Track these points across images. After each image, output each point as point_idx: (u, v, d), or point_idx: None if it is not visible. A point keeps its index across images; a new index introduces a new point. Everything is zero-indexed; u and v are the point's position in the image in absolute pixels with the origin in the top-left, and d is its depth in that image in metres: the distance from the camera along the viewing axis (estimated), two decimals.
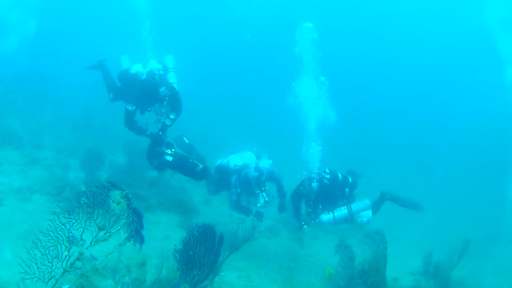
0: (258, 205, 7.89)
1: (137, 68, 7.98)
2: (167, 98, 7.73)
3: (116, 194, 3.00)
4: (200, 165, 7.59)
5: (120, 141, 13.15)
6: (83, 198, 3.10)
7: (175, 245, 3.89)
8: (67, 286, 2.92)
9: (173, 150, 7.78)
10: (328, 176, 7.74)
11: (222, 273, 7.12)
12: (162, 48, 9.10)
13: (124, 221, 3.07)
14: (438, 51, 32.88)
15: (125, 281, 4.10)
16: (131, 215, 3.05)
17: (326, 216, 7.64)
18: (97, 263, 2.98)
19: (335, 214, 7.62)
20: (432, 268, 7.97)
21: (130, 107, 7.60)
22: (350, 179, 8.03)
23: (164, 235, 7.78)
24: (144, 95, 7.68)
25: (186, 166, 7.62)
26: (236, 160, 7.97)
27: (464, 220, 14.27)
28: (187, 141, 8.40)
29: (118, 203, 2.97)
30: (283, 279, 7.44)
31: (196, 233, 3.84)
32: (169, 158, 7.63)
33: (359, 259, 6.35)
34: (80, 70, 9.40)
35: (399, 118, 27.01)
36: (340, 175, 7.90)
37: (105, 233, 3.04)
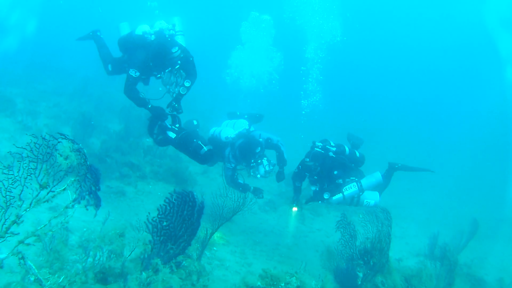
0: (259, 175, 7.27)
1: (144, 29, 6.92)
2: (179, 61, 6.72)
3: (65, 147, 2.50)
4: (205, 147, 6.85)
5: (118, 108, 12.73)
6: (25, 152, 2.62)
7: (148, 213, 3.42)
8: (4, 255, 2.47)
9: (177, 125, 7.03)
10: (334, 149, 7.07)
11: (215, 248, 6.70)
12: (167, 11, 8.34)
13: (73, 179, 2.58)
14: (438, 50, 33.14)
15: (95, 253, 3.67)
16: (83, 172, 2.57)
17: (335, 196, 7.02)
18: (38, 228, 2.53)
19: (344, 193, 6.99)
20: (438, 250, 7.44)
21: (134, 73, 6.58)
22: (357, 153, 7.37)
23: (156, 206, 7.33)
24: (153, 58, 6.67)
25: (190, 146, 6.92)
26: (228, 131, 7.26)
27: (472, 201, 13.85)
28: (195, 123, 7.69)
29: (66, 158, 2.48)
30: (279, 257, 7.00)
31: (174, 201, 3.36)
32: (172, 135, 6.91)
33: (362, 237, 5.86)
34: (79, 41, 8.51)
35: (401, 115, 28.82)
36: (347, 149, 7.23)
37: (47, 193, 2.56)
